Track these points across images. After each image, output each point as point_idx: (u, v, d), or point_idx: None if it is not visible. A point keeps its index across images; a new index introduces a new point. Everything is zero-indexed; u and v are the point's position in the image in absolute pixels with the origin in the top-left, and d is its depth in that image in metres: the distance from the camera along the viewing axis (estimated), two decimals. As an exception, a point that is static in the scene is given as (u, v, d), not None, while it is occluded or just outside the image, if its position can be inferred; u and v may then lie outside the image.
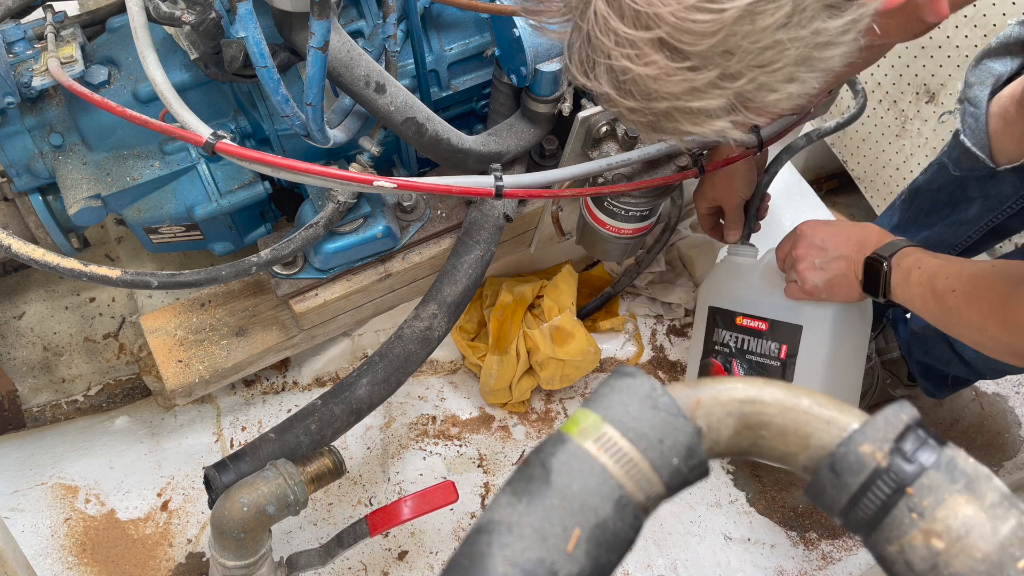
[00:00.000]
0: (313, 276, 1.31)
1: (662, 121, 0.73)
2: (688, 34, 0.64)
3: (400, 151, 1.41)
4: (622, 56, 0.68)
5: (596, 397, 0.60)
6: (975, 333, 1.06)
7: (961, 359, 1.30)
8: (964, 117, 1.32)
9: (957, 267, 1.08)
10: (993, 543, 0.53)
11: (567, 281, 1.53)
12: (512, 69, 1.22)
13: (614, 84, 0.71)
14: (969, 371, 1.34)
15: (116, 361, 1.63)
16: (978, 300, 1.03)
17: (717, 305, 1.44)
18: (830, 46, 0.67)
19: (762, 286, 1.40)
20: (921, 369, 1.44)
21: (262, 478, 1.08)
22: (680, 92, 0.68)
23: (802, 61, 0.67)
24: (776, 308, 1.37)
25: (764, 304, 1.39)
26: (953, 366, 1.35)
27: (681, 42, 0.65)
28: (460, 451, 1.52)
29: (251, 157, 1.01)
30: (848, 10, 0.65)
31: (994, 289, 1.02)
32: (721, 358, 1.44)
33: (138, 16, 1.04)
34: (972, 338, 1.08)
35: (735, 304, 1.42)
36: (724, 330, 1.43)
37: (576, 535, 0.55)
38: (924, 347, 1.39)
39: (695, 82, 0.67)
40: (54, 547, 1.36)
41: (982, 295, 1.03)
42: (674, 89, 0.68)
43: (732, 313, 1.42)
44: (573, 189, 1.26)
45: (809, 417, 0.59)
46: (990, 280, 1.03)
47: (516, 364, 1.49)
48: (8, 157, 1.20)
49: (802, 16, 0.64)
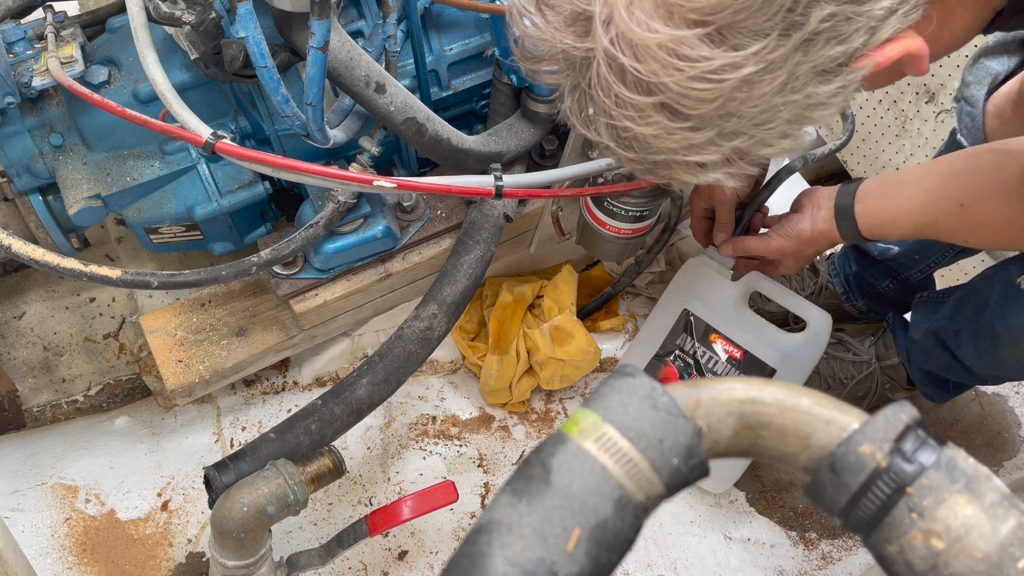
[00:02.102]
0: (313, 276, 1.31)
1: (660, 169, 0.76)
2: (689, 99, 0.68)
3: (400, 151, 1.41)
4: (624, 117, 0.71)
5: (596, 397, 0.60)
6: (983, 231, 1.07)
7: (962, 365, 1.28)
8: (961, 116, 1.32)
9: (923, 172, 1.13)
10: (993, 543, 0.53)
11: (567, 281, 1.53)
12: (512, 69, 1.22)
13: (614, 139, 0.74)
14: (970, 377, 1.32)
15: (116, 361, 1.63)
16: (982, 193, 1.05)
17: (694, 312, 1.43)
18: (821, 107, 0.71)
19: (742, 309, 1.41)
20: (921, 375, 1.43)
21: (262, 478, 1.08)
22: (679, 148, 0.72)
23: (795, 120, 0.71)
24: (755, 342, 1.38)
25: (743, 331, 1.40)
26: (953, 372, 1.33)
27: (682, 106, 0.68)
28: (460, 451, 1.52)
29: (251, 157, 1.01)
30: (839, 76, 0.69)
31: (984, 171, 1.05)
32: (679, 364, 1.43)
33: (138, 16, 1.04)
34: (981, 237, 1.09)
35: (713, 317, 1.41)
36: (694, 340, 1.42)
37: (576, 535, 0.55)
38: (924, 354, 1.38)
39: (693, 140, 0.71)
40: (54, 547, 1.36)
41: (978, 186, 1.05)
42: (673, 145, 0.72)
43: (709, 327, 1.42)
44: (573, 189, 1.26)
45: (809, 417, 0.59)
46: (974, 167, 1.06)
47: (516, 364, 1.49)
48: (8, 157, 1.20)
49: (796, 83, 0.68)
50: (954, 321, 1.27)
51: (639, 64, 0.67)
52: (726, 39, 0.65)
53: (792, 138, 0.73)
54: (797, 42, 0.65)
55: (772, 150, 0.74)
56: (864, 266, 1.56)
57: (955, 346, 1.27)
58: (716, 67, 0.66)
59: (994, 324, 1.17)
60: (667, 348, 1.45)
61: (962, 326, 1.24)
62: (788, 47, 0.65)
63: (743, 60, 0.65)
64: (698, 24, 0.65)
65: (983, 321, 1.19)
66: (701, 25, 0.65)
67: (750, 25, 0.64)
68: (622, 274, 1.67)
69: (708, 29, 0.65)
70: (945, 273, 1.60)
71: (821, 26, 0.65)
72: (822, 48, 0.67)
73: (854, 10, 0.65)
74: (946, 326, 1.29)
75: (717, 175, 0.75)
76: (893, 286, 1.54)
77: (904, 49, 0.70)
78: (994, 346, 1.18)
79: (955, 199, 1.07)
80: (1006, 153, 1.04)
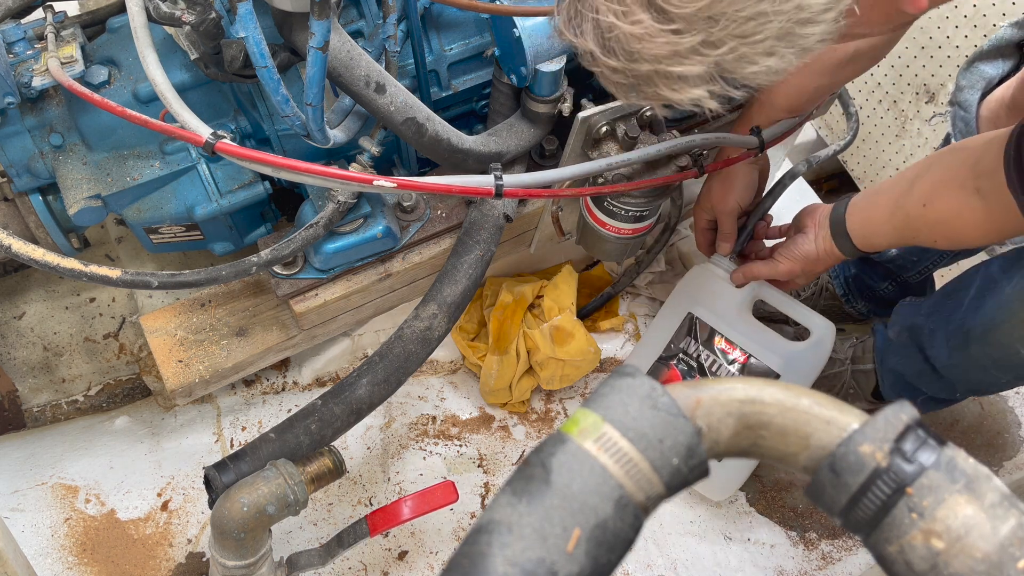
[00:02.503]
0: (313, 276, 1.31)
1: (642, 84, 0.75)
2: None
3: (400, 151, 1.41)
4: (610, 12, 0.70)
5: (596, 397, 0.60)
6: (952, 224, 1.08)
7: (933, 369, 1.28)
8: (955, 121, 1.32)
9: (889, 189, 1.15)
10: (993, 543, 0.53)
11: (567, 281, 1.53)
12: (512, 69, 1.22)
13: (599, 41, 0.73)
14: (939, 384, 1.30)
15: (116, 361, 1.63)
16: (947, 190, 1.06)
17: (698, 315, 1.43)
18: (810, 23, 0.68)
19: (746, 316, 1.41)
20: (892, 379, 1.41)
21: (262, 478, 1.08)
22: (662, 55, 0.70)
23: (783, 36, 0.69)
24: (759, 348, 1.38)
25: (747, 337, 1.40)
26: (924, 378, 1.32)
27: (668, 3, 0.67)
28: (460, 451, 1.52)
29: (251, 157, 1.01)
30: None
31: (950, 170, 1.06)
32: (683, 367, 1.43)
33: (138, 16, 1.04)
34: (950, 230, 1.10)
35: (717, 322, 1.41)
36: (697, 343, 1.42)
37: (576, 535, 0.55)
38: (897, 354, 1.37)
39: (678, 46, 0.69)
40: (54, 547, 1.36)
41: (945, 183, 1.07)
42: (657, 51, 0.70)
43: (713, 331, 1.42)
44: (573, 189, 1.26)
45: (809, 417, 0.59)
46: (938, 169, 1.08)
47: (516, 364, 1.49)
48: (8, 157, 1.20)
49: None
50: (931, 319, 1.26)
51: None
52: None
53: (777, 56, 0.71)
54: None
55: (756, 68, 0.72)
56: (863, 268, 1.56)
57: (929, 345, 1.26)
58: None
59: (966, 319, 1.17)
60: (672, 352, 1.45)
61: (938, 325, 1.24)
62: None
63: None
64: None
65: (956, 318, 1.19)
66: None
67: None
68: (622, 274, 1.67)
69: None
70: (945, 273, 1.60)
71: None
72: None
73: None
74: (922, 323, 1.28)
75: (699, 92, 0.73)
76: (892, 288, 1.54)
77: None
78: (966, 342, 1.18)
79: (919, 200, 1.09)
80: (963, 151, 1.06)
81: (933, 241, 1.12)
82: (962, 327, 1.18)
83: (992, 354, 1.16)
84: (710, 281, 1.42)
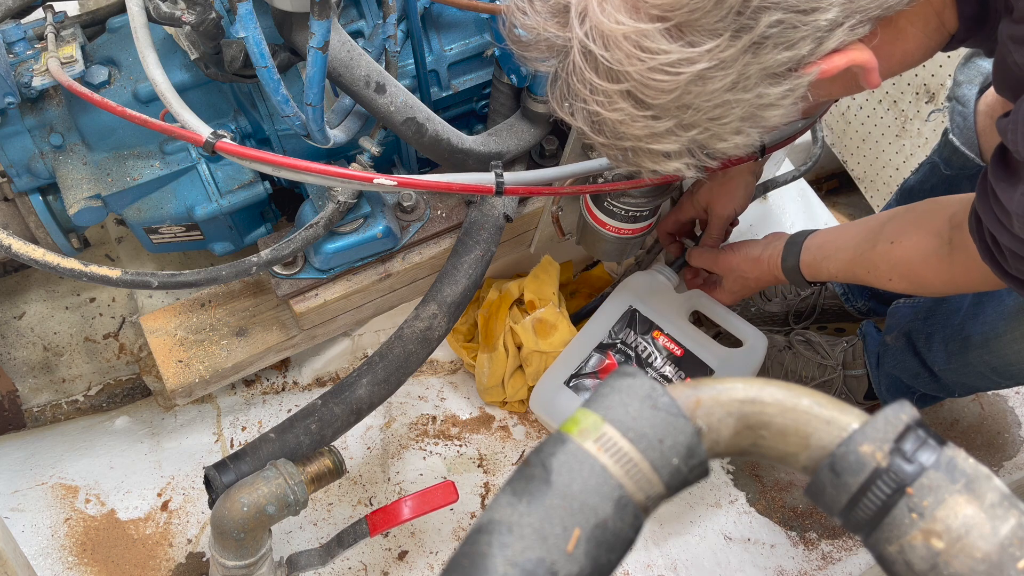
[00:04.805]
0: (313, 276, 1.31)
1: (629, 156, 0.84)
2: (650, 89, 0.75)
3: (400, 151, 1.41)
4: (595, 103, 0.78)
5: (596, 397, 0.60)
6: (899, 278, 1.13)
7: (930, 372, 1.28)
8: (953, 116, 1.33)
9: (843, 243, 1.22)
10: (993, 543, 0.53)
11: (547, 271, 1.51)
12: (512, 69, 1.22)
13: (588, 123, 0.82)
14: (936, 385, 1.31)
15: (116, 361, 1.63)
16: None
17: (640, 309, 1.49)
18: (771, 108, 0.77)
19: (685, 315, 1.49)
20: (889, 382, 1.42)
21: (262, 478, 1.08)
22: (642, 135, 0.79)
23: (747, 118, 0.77)
24: (696, 344, 1.46)
25: (685, 333, 1.47)
26: (921, 380, 1.32)
27: (644, 95, 0.75)
28: (460, 451, 1.52)
29: (251, 156, 1.01)
30: (787, 79, 0.75)
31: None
32: (620, 357, 1.48)
33: (138, 16, 1.04)
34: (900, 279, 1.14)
35: (659, 317, 1.48)
36: (637, 334, 1.48)
37: (576, 535, 0.55)
38: (894, 358, 1.37)
39: (655, 129, 0.78)
40: (54, 547, 1.36)
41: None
42: (637, 132, 0.79)
43: (653, 324, 1.48)
44: (573, 187, 1.26)
45: (809, 417, 0.59)
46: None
47: (506, 359, 1.48)
48: (8, 157, 1.20)
49: (747, 83, 0.74)
50: (928, 323, 1.27)
51: (607, 53, 0.74)
52: (683, 35, 0.72)
53: (745, 135, 0.79)
54: (747, 44, 0.71)
55: (727, 144, 0.80)
56: None
57: (926, 349, 1.27)
58: (673, 60, 0.72)
59: (966, 326, 1.17)
60: (611, 342, 1.49)
61: (935, 329, 1.25)
62: (738, 47, 0.71)
63: (697, 56, 0.72)
64: (659, 19, 0.72)
65: (955, 323, 1.20)
66: (662, 20, 0.71)
67: (704, 24, 0.71)
68: (622, 274, 1.67)
69: (668, 24, 0.72)
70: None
71: (769, 31, 0.71)
72: (771, 52, 0.72)
73: (800, 19, 0.71)
74: (919, 327, 1.29)
75: (679, 164, 0.82)
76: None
77: (851, 60, 0.74)
78: (964, 348, 1.19)
79: (888, 237, 1.12)
80: (938, 203, 1.11)
81: (888, 280, 1.14)
82: (961, 333, 1.18)
83: (991, 362, 1.16)
84: (653, 284, 1.50)
